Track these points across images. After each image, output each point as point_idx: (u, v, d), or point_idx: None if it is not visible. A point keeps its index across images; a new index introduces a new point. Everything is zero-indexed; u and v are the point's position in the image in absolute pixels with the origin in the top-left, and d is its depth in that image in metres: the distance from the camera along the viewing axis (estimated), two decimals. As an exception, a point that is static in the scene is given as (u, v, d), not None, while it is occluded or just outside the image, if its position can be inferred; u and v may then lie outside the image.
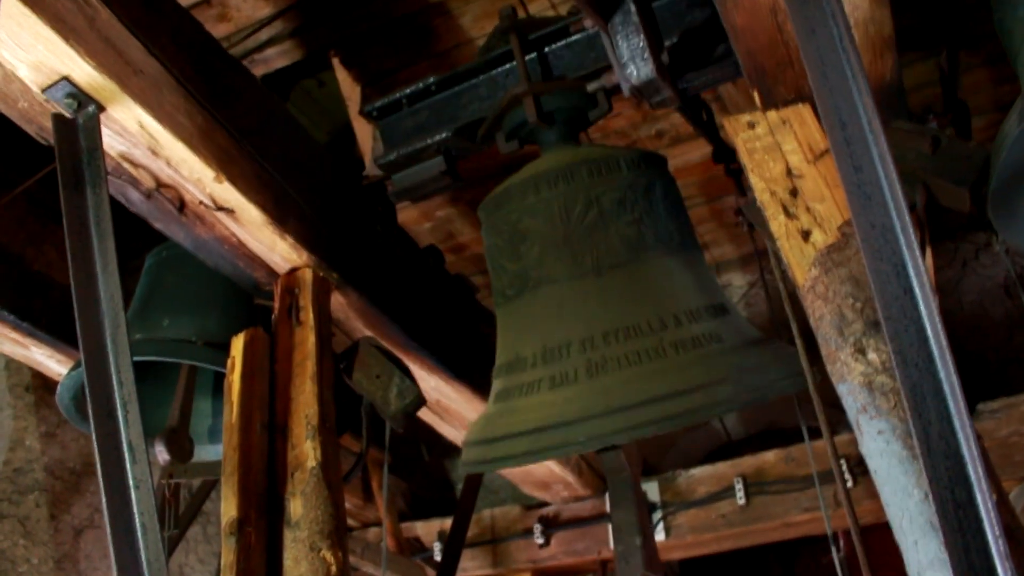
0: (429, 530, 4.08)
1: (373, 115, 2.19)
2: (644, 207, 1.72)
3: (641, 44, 1.57)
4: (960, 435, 1.02)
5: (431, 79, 2.10)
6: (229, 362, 1.93)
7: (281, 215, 1.91)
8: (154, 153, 1.67)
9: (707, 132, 2.09)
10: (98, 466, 1.42)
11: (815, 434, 2.72)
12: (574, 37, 1.95)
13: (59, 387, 2.20)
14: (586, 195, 1.71)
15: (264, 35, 2.78)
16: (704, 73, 1.85)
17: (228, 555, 1.67)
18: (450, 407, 2.68)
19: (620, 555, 1.30)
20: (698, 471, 3.68)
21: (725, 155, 2.07)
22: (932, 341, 1.06)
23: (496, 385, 1.74)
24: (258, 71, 2.85)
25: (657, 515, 3.63)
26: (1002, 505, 1.12)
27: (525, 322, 1.71)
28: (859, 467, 3.22)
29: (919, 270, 1.08)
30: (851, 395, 1.42)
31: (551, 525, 3.83)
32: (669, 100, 1.71)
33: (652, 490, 3.68)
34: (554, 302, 1.67)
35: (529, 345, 1.66)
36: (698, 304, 1.64)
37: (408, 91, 2.12)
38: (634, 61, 1.59)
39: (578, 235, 1.68)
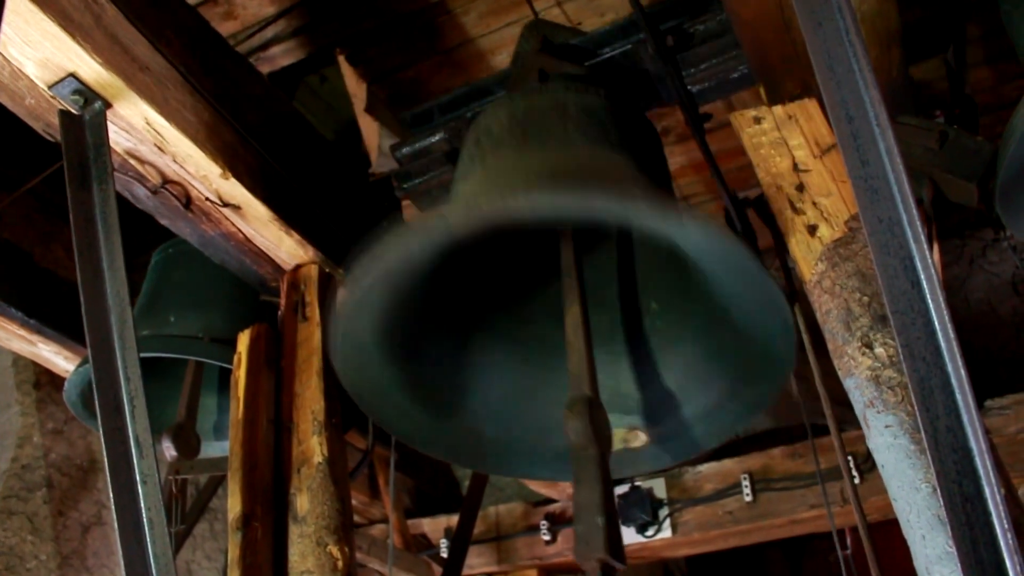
0: (435, 527, 4.08)
1: (406, 123, 2.20)
2: (613, 123, 1.58)
3: None
4: (968, 428, 1.01)
5: (462, 89, 2.11)
6: (235, 358, 1.94)
7: (287, 211, 1.91)
8: (160, 149, 1.67)
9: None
10: (105, 461, 1.42)
11: (821, 431, 2.72)
12: (602, 55, 1.94)
13: (66, 383, 2.20)
14: (555, 100, 1.60)
15: (270, 33, 2.79)
16: (708, 58, 1.84)
17: (235, 550, 1.68)
18: (456, 404, 2.68)
19: (580, 536, 1.22)
20: (704, 468, 3.68)
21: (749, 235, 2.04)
22: (940, 335, 1.05)
23: None
24: (264, 69, 2.85)
25: (664, 512, 3.63)
26: (1011, 499, 1.11)
27: (459, 199, 1.55)
28: (866, 463, 3.21)
29: (927, 264, 1.08)
30: (858, 390, 1.42)
31: (557, 522, 3.84)
32: None
33: (659, 487, 3.67)
34: (492, 173, 1.51)
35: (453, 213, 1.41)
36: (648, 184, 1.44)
37: (440, 101, 2.14)
38: None
39: (536, 125, 1.55)
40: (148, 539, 1.40)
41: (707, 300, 1.48)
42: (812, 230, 1.58)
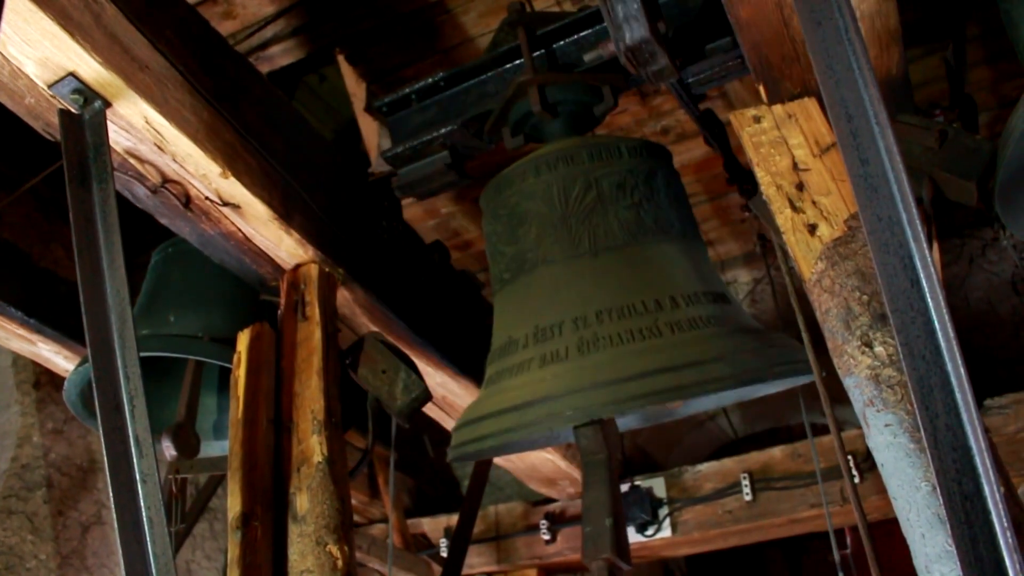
0: (435, 526, 4.08)
1: (383, 111, 2.19)
2: (644, 192, 1.71)
3: (636, 6, 1.56)
4: (967, 427, 1.01)
5: (440, 75, 2.10)
6: (235, 358, 1.93)
7: (287, 211, 1.91)
8: (160, 149, 1.67)
9: (721, 147, 2.08)
10: (105, 460, 1.42)
11: (820, 431, 2.72)
12: (582, 33, 1.95)
13: (66, 383, 2.20)
14: (585, 177, 1.70)
15: (269, 32, 2.79)
16: (709, 64, 1.84)
17: (234, 549, 1.68)
18: (455, 403, 2.68)
19: (588, 536, 1.26)
20: (704, 467, 3.68)
21: (739, 175, 2.05)
22: (939, 333, 1.05)
23: (488, 371, 1.72)
24: (263, 68, 2.85)
25: (663, 511, 3.63)
26: (1010, 497, 1.11)
27: (519, 304, 1.69)
28: (866, 463, 3.21)
29: (926, 262, 1.08)
30: (858, 388, 1.42)
31: (557, 521, 3.84)
32: (666, 71, 1.67)
33: (658, 486, 3.67)
34: (549, 283, 1.65)
35: (522, 326, 1.63)
36: (697, 289, 1.60)
37: (417, 87, 2.13)
38: (628, 23, 1.57)
39: (576, 217, 1.67)
40: (148, 539, 1.40)
41: None
42: (812, 229, 1.58)
